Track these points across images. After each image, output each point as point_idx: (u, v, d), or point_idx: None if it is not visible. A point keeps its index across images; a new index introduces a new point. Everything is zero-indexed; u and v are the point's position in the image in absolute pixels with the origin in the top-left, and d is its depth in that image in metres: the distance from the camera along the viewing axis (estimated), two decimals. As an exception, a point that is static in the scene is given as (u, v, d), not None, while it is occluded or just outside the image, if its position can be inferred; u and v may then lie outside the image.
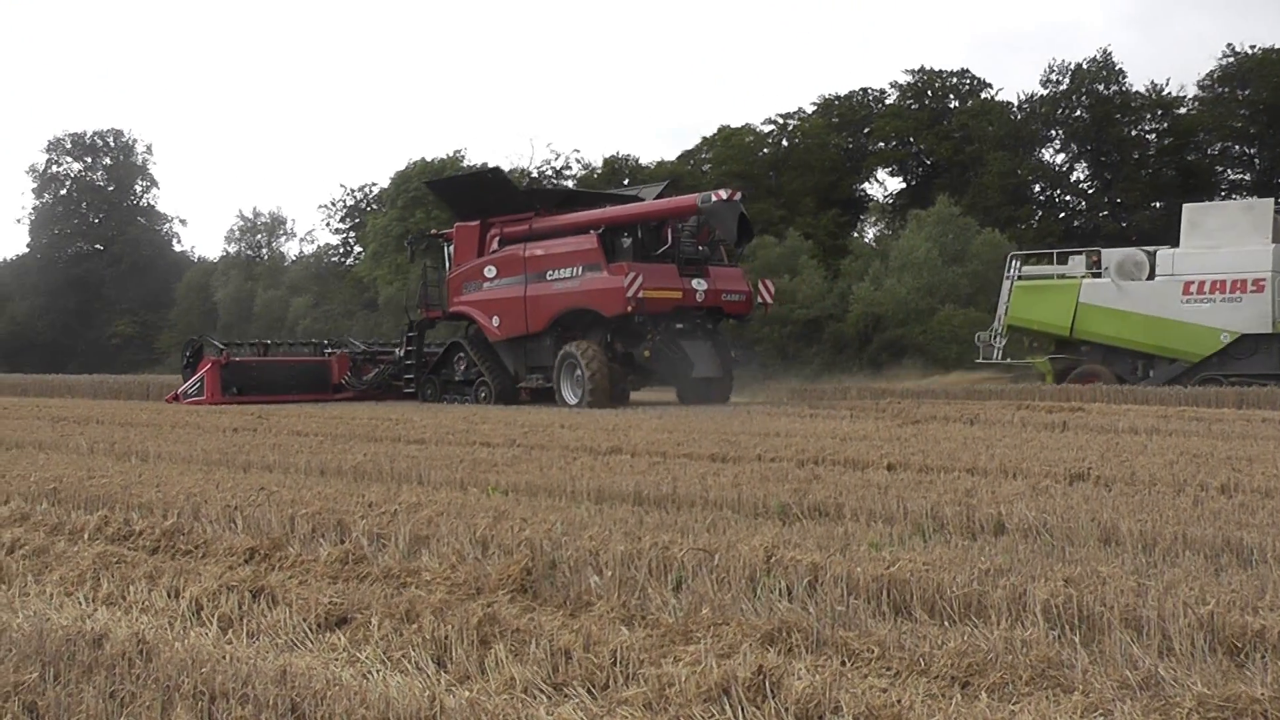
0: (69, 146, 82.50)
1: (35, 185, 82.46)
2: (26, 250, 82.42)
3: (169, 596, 5.66)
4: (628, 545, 6.02)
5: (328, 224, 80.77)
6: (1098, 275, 25.97)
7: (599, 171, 63.16)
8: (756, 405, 22.92)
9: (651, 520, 7.35)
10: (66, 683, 4.12)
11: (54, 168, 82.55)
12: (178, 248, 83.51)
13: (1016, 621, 4.79)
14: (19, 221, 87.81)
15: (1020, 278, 27.19)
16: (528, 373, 25.60)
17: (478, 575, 5.72)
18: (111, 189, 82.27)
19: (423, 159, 64.82)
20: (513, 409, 21.60)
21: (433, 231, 31.18)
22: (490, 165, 31.57)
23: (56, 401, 26.65)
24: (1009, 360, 27.45)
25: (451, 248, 27.60)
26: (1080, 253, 27.49)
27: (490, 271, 25.86)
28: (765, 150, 58.74)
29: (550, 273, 24.55)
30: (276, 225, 78.26)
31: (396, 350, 29.66)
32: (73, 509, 8.46)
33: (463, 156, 66.42)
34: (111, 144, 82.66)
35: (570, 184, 63.23)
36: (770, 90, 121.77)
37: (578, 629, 4.75)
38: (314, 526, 7.14)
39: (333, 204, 71.65)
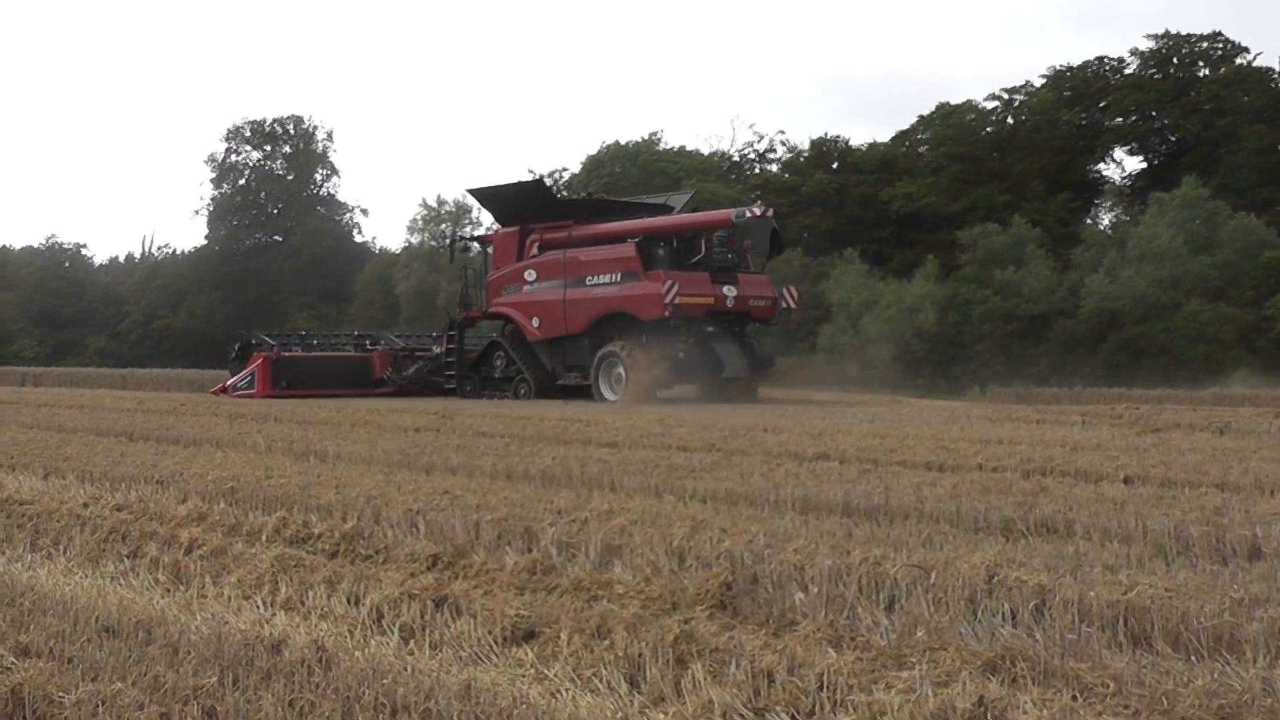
0: (248, 135, 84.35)
1: (214, 175, 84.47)
2: (205, 242, 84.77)
3: (349, 603, 5.82)
4: (836, 560, 5.96)
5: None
6: None
7: (806, 154, 62.84)
8: (976, 410, 22.52)
9: (861, 533, 7.27)
10: (245, 689, 4.27)
11: (233, 157, 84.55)
12: (358, 239, 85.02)
13: (1277, 659, 4.59)
14: (196, 213, 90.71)
15: None
16: (565, 371, 28.77)
17: (674, 589, 5.73)
18: (291, 178, 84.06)
19: (616, 142, 65.56)
20: (706, 410, 21.71)
21: (472, 236, 34.97)
22: (535, 175, 34.92)
23: (233, 399, 27.76)
24: None
25: (491, 250, 31.02)
26: None
27: (531, 275, 29.12)
28: (988, 129, 57.65)
29: (590, 278, 27.79)
30: (461, 214, 79.75)
31: (434, 347, 33.01)
32: (250, 509, 8.75)
33: (659, 139, 66.97)
34: (291, 131, 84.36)
35: (774, 168, 63.08)
36: (994, 63, 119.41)
37: (781, 649, 4.72)
38: (500, 533, 7.25)
39: (521, 191, 72.73)
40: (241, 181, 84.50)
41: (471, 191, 34.13)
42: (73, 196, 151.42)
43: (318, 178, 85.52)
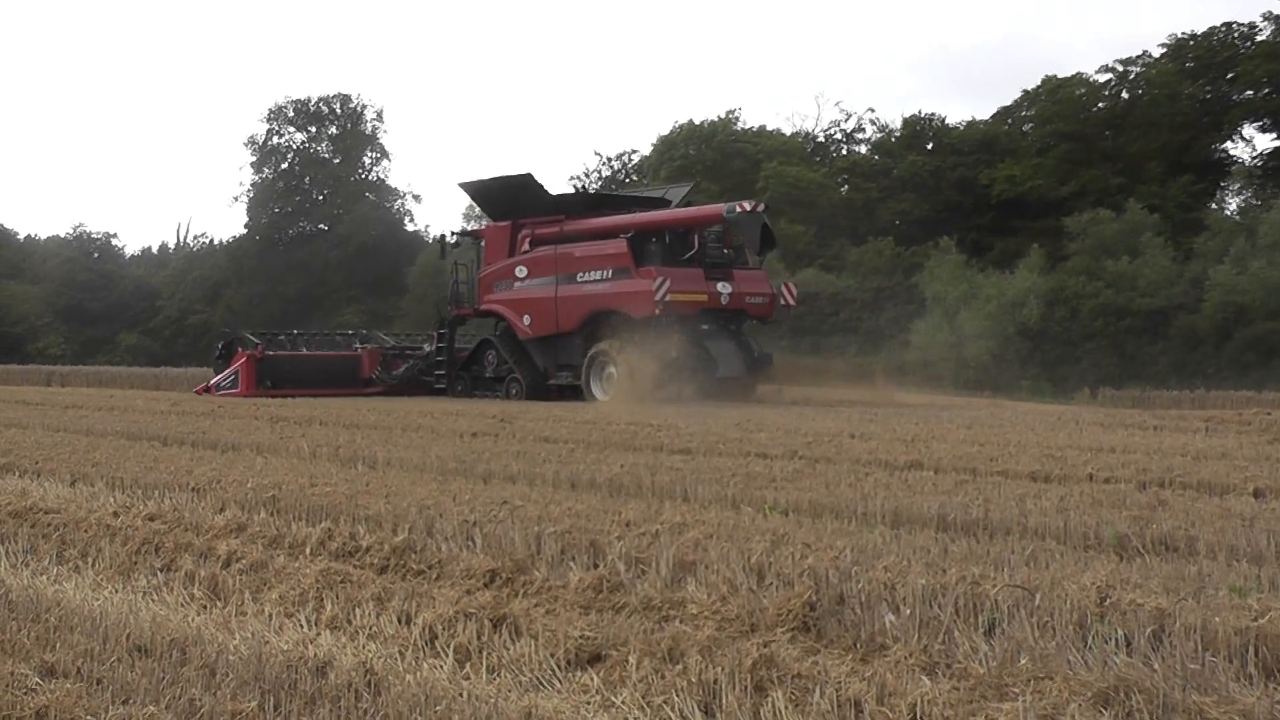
0: (291, 115, 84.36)
1: (254, 159, 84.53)
2: (244, 231, 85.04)
3: (399, 622, 5.87)
4: (930, 578, 5.94)
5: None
6: None
7: (898, 134, 62.57)
8: (1086, 414, 22.33)
9: (958, 550, 7.24)
10: (287, 714, 4.33)
11: (274, 139, 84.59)
12: (410, 227, 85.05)
13: None
14: (235, 199, 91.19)
15: None
16: (558, 370, 30.10)
17: (752, 609, 5.73)
18: (338, 161, 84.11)
19: (690, 122, 65.54)
20: (791, 414, 21.68)
21: (464, 230, 36.91)
22: (525, 170, 36.06)
23: (274, 402, 28.04)
24: None
25: (483, 245, 32.55)
26: None
27: (522, 271, 30.61)
28: (1100, 105, 57.04)
29: (581, 275, 29.26)
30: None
31: (425, 346, 34.74)
32: (293, 520, 8.84)
33: (736, 118, 66.89)
34: (338, 111, 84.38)
35: (863, 149, 62.93)
36: (1107, 31, 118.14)
37: (870, 676, 4.71)
38: (563, 547, 7.28)
39: (587, 175, 73.07)
40: (284, 165, 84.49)
41: (462, 185, 35.54)
42: (102, 182, 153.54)
43: (366, 161, 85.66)
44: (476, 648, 5.39)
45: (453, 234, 35.55)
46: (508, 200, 31.69)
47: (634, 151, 70.79)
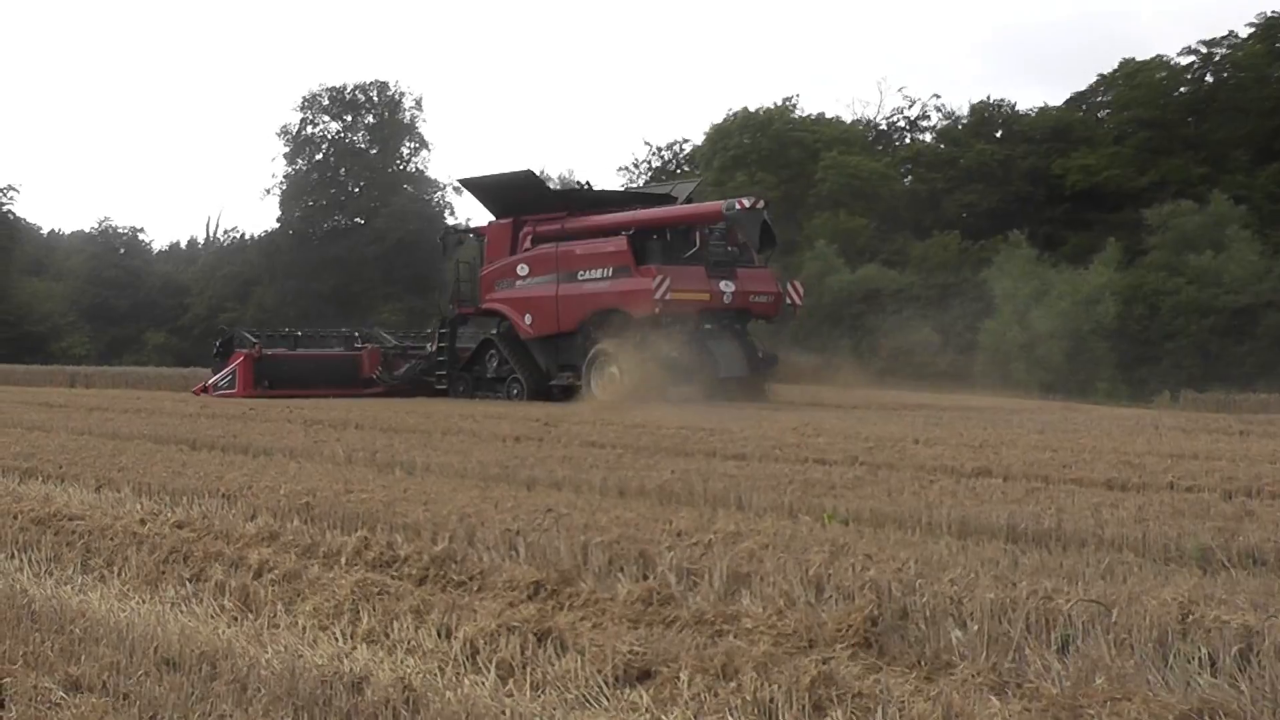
0: (326, 103, 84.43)
1: (287, 149, 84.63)
2: (276, 225, 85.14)
3: (439, 636, 5.89)
4: (999, 593, 5.92)
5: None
6: None
7: (964, 121, 62.34)
8: (1166, 418, 22.18)
9: (1029, 562, 7.20)
10: (323, 733, 4.35)
11: (309, 128, 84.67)
12: (451, 220, 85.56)
13: None
14: (268, 192, 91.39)
15: None
16: (559, 370, 30.92)
17: (810, 624, 5.72)
18: (374, 152, 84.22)
19: (745, 109, 65.50)
20: (852, 418, 21.67)
21: (465, 227, 37.87)
22: (526, 167, 37.64)
23: (308, 403, 28.19)
24: None
25: (485, 243, 33.37)
26: None
27: (523, 270, 31.49)
28: (1183, 89, 56.71)
29: (581, 273, 30.15)
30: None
31: (428, 345, 35.40)
32: (328, 528, 8.89)
33: (794, 105, 66.92)
34: (375, 99, 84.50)
35: (928, 137, 62.79)
36: (1190, 10, 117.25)
37: (935, 696, 4.70)
38: (611, 558, 7.29)
39: (635, 166, 73.15)
40: (319, 156, 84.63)
41: (462, 182, 36.49)
42: (128, 175, 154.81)
43: (405, 151, 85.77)
44: (520, 663, 5.40)
45: (454, 230, 36.90)
46: (509, 197, 32.59)
47: (685, 141, 71.01)
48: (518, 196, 32.35)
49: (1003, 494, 10.24)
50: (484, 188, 33.89)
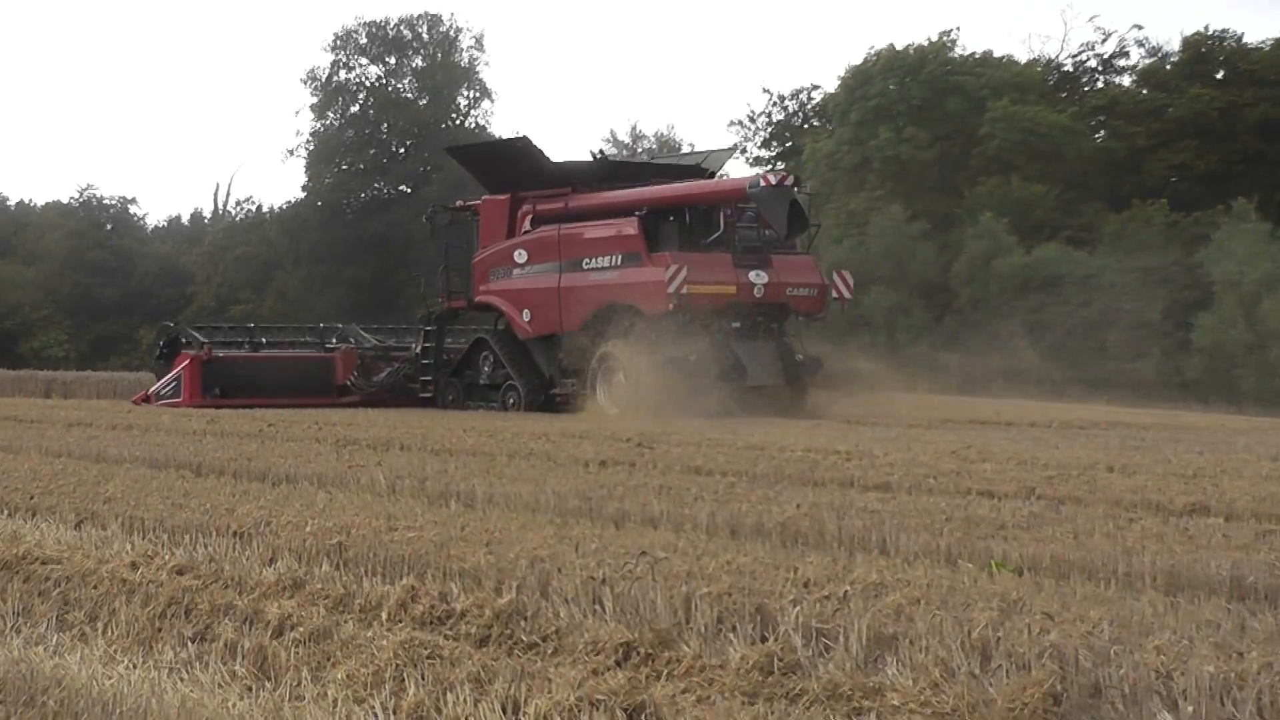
0: (364, 42, 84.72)
1: (315, 100, 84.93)
2: (302, 195, 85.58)
3: (504, 712, 5.89)
4: (1221, 664, 5.86)
5: (743, 150, 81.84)
6: None
7: (1175, 60, 61.79)
8: None
9: (1260, 626, 7.11)
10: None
11: (342, 73, 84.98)
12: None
13: None
14: (291, 153, 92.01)
15: None
16: (563, 376, 31.91)
17: (974, 700, 5.69)
18: (424, 103, 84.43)
19: (890, 48, 65.18)
20: (1027, 438, 21.57)
21: (457, 204, 38.07)
22: (520, 134, 39.71)
23: (340, 418, 28.39)
24: None
25: (479, 223, 34.62)
26: None
27: (521, 256, 32.44)
28: None
29: (587, 260, 30.97)
30: (665, 151, 79.91)
31: (414, 346, 36.59)
32: (365, 575, 8.91)
33: (953, 42, 66.57)
34: (425, 36, 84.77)
35: (1126, 81, 62.31)
36: None
37: (1138, 796, 4.65)
38: (720, 613, 7.28)
39: (752, 119, 73.09)
40: (354, 109, 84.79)
41: (449, 151, 36.83)
42: (116, 132, 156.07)
43: (462, 103, 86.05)
44: (607, 747, 5.40)
45: (443, 206, 37.46)
46: (501, 169, 33.65)
47: (815, 88, 70.97)
48: (513, 169, 33.11)
49: (1224, 538, 10.12)
50: (474, 158, 35.15)
